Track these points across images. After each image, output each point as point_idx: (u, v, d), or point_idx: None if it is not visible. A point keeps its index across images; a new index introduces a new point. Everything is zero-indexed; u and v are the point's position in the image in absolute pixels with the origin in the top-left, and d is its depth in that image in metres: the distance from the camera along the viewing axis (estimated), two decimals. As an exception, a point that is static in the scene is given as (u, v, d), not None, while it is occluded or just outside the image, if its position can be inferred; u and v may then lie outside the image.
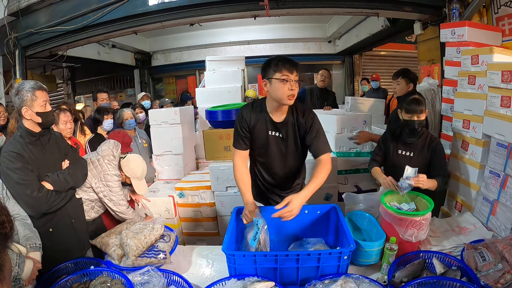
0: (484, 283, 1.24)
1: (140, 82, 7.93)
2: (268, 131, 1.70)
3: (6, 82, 4.48)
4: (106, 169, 1.83)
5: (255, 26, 6.64)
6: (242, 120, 1.70)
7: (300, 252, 1.33)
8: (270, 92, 1.61)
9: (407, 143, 1.96)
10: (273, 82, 1.56)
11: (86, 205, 1.83)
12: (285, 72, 1.53)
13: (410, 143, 1.95)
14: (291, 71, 1.54)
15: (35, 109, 1.53)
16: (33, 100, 1.53)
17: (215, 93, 3.49)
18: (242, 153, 1.74)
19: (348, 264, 1.36)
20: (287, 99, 1.57)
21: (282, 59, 1.57)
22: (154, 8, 3.52)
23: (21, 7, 3.92)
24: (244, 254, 1.35)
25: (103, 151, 1.92)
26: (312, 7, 3.55)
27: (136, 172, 1.97)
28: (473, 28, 2.33)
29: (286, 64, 1.54)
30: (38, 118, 1.55)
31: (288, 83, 1.54)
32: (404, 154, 1.98)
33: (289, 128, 1.70)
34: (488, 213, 1.73)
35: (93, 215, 1.88)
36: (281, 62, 1.55)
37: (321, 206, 1.72)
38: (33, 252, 1.39)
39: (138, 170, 1.98)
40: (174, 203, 2.68)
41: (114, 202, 1.85)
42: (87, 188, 1.81)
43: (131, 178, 1.96)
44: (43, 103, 1.55)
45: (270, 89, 1.59)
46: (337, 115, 2.83)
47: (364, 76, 7.59)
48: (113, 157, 1.90)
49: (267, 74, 1.59)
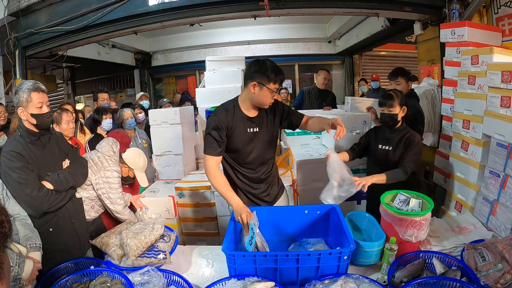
0: (484, 283, 1.24)
1: (140, 82, 7.93)
2: (247, 128, 1.74)
3: (6, 82, 4.49)
4: (107, 165, 1.84)
5: (255, 26, 6.63)
6: (219, 124, 1.68)
7: (300, 252, 1.33)
8: (256, 95, 1.66)
9: (386, 138, 2.06)
10: (264, 89, 1.63)
11: (86, 204, 1.83)
12: (278, 85, 1.65)
13: (389, 138, 2.05)
14: (281, 83, 1.68)
15: (30, 110, 1.52)
16: (28, 102, 1.51)
17: (215, 93, 3.49)
18: (216, 159, 1.72)
19: (348, 264, 1.36)
20: (268, 105, 1.70)
21: (278, 70, 1.64)
22: (154, 8, 3.52)
23: (21, 7, 3.92)
24: (244, 254, 1.35)
25: (103, 147, 1.92)
26: (312, 7, 3.55)
27: (139, 162, 1.98)
28: (473, 28, 2.33)
29: (281, 77, 1.65)
30: (33, 120, 1.54)
31: (274, 93, 1.65)
32: (382, 148, 2.07)
33: (264, 120, 1.79)
34: (488, 213, 1.73)
35: (93, 214, 1.88)
36: (278, 75, 1.63)
37: (321, 206, 1.72)
38: (33, 252, 1.39)
39: (140, 160, 2.00)
40: (174, 203, 2.68)
41: (112, 200, 1.84)
42: (87, 186, 1.81)
43: (134, 169, 1.96)
44: (39, 104, 1.53)
45: (258, 93, 1.65)
46: (337, 115, 2.82)
47: (364, 76, 7.60)
48: (113, 153, 1.91)
49: (261, 80, 1.62)
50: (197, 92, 3.61)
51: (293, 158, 2.78)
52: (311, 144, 3.19)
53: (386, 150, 2.05)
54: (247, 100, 1.71)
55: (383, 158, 2.05)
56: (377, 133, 2.16)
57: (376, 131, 2.18)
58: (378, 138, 2.12)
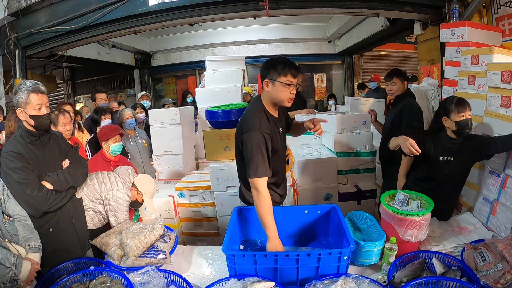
0: (484, 283, 1.24)
1: (140, 82, 7.92)
2: (279, 128, 1.73)
3: (6, 82, 4.48)
4: (121, 186, 1.85)
5: (255, 26, 6.64)
6: (265, 137, 1.55)
7: (300, 252, 1.33)
8: (270, 93, 1.61)
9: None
10: (277, 84, 1.57)
11: (88, 214, 1.82)
12: (290, 78, 1.56)
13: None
14: (295, 76, 1.57)
15: (29, 111, 1.51)
16: (26, 103, 1.50)
17: (215, 93, 3.49)
18: (266, 180, 1.55)
19: (348, 264, 1.36)
20: (287, 102, 1.60)
21: (288, 63, 1.57)
22: (154, 8, 3.52)
23: (21, 7, 3.92)
24: (244, 254, 1.35)
25: (121, 171, 1.96)
26: (312, 7, 3.56)
27: (149, 187, 1.98)
28: (473, 28, 2.33)
29: (292, 69, 1.56)
30: (31, 121, 1.53)
31: (290, 87, 1.57)
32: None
33: (283, 119, 1.79)
34: (488, 213, 1.73)
35: (90, 226, 1.86)
36: (288, 67, 1.56)
37: (321, 207, 1.72)
38: (32, 253, 1.39)
39: (151, 185, 1.99)
40: (174, 203, 2.69)
41: (117, 219, 1.83)
42: (96, 200, 1.80)
43: (144, 194, 1.96)
44: (38, 106, 1.52)
45: (272, 90, 1.59)
46: (337, 115, 2.83)
47: (363, 76, 7.60)
48: (128, 179, 1.94)
49: (271, 75, 1.58)
50: (197, 92, 3.61)
51: (293, 158, 2.78)
52: (311, 144, 3.19)
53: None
54: (267, 100, 1.66)
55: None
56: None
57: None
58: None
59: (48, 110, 1.57)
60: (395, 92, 2.61)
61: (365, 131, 2.82)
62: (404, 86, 2.60)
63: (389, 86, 2.64)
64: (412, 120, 2.42)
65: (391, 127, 2.60)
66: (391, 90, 2.64)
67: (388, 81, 2.64)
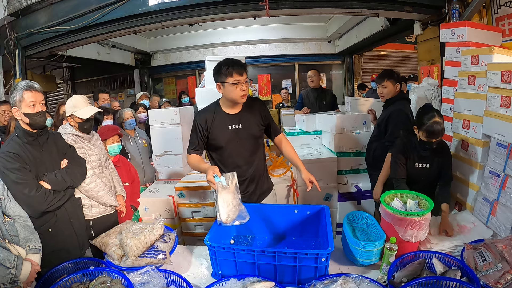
0: (484, 283, 1.24)
1: (140, 82, 7.91)
2: (228, 125, 1.78)
3: (6, 82, 4.49)
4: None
5: (255, 26, 6.63)
6: (199, 122, 1.78)
7: (277, 250, 1.35)
8: (224, 94, 1.74)
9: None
10: (226, 86, 1.69)
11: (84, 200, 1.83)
12: (236, 76, 1.67)
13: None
14: (241, 73, 1.68)
15: (23, 109, 1.52)
16: (20, 101, 1.51)
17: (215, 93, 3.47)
18: (196, 156, 1.80)
19: (327, 266, 1.35)
20: (240, 98, 1.72)
21: (231, 63, 1.67)
22: (154, 8, 3.51)
23: (21, 7, 3.91)
24: (223, 247, 1.40)
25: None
26: (312, 7, 3.55)
27: (75, 102, 1.91)
28: (473, 28, 2.33)
29: (236, 68, 1.66)
30: (26, 119, 1.53)
31: (239, 85, 1.68)
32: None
33: (246, 116, 1.82)
34: (488, 213, 1.73)
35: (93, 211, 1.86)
36: (231, 67, 1.66)
37: (311, 207, 1.73)
38: (32, 254, 1.39)
39: (75, 100, 1.93)
40: (174, 203, 2.68)
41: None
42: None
43: (76, 112, 1.88)
44: (31, 103, 1.52)
45: (224, 91, 1.73)
46: (337, 115, 2.83)
47: (363, 76, 7.60)
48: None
49: (220, 79, 1.71)
50: (197, 92, 3.61)
51: (293, 158, 2.78)
52: (311, 144, 3.19)
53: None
54: (224, 100, 1.80)
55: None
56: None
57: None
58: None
59: (43, 108, 1.58)
60: (386, 96, 2.48)
61: (365, 131, 2.82)
62: (396, 89, 2.46)
63: (379, 89, 2.51)
64: (396, 129, 2.30)
65: (378, 133, 2.53)
66: (381, 93, 2.50)
67: (379, 84, 2.51)
